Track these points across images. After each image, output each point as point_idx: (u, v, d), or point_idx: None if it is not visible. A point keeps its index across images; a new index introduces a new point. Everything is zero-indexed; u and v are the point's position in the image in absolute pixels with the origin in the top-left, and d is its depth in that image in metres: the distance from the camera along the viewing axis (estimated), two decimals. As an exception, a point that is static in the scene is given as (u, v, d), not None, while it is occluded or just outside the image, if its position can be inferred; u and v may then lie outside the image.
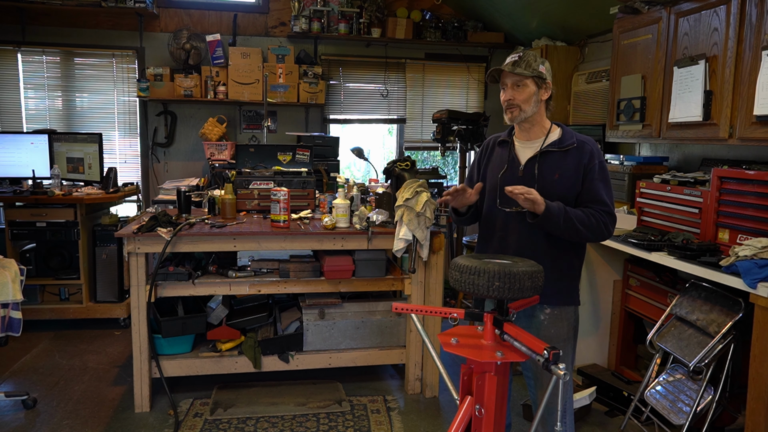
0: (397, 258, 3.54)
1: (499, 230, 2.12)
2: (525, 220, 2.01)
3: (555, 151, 2.04)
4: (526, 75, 2.00)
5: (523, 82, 2.01)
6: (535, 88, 2.02)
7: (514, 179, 2.06)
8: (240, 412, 3.04)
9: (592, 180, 2.02)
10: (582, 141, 2.06)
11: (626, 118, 3.42)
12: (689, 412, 2.48)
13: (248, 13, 5.19)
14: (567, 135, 2.08)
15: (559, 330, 2.07)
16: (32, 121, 4.96)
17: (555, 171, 2.03)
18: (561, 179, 2.02)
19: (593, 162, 2.02)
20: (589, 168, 2.02)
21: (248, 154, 3.93)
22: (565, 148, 2.04)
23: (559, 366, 1.49)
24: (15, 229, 4.05)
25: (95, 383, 3.35)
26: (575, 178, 2.02)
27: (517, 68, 1.99)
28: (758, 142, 2.58)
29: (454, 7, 5.46)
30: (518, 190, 1.91)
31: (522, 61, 2.00)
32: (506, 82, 2.05)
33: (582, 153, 2.03)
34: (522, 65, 2.00)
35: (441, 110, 4.54)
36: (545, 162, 2.04)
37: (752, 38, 2.59)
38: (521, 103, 2.03)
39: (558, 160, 2.04)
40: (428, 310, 1.88)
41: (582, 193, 2.03)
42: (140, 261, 2.92)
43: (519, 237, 2.06)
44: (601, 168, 2.04)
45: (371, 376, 3.51)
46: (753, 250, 2.31)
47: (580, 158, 2.02)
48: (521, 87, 2.02)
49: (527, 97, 2.02)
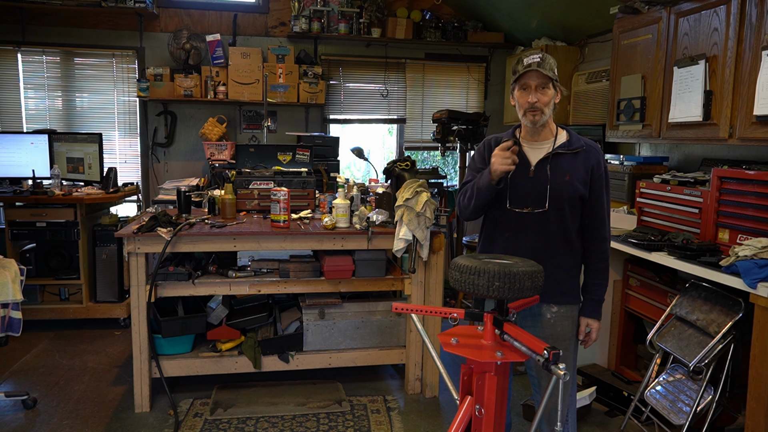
0: (397, 258, 3.54)
1: (508, 231, 2.10)
2: (538, 220, 2.03)
3: (566, 153, 2.04)
4: (552, 77, 1.96)
5: (547, 84, 1.97)
6: (553, 91, 2.00)
7: (524, 180, 2.05)
8: (240, 412, 3.04)
9: (600, 189, 2.05)
10: (590, 145, 2.07)
11: (626, 118, 3.42)
12: (689, 412, 2.47)
13: (248, 13, 5.19)
14: (574, 138, 2.09)
15: (565, 328, 2.10)
16: (32, 121, 4.96)
17: (566, 173, 2.02)
18: (572, 181, 2.02)
19: (601, 169, 2.05)
20: (597, 175, 2.04)
21: (248, 154, 3.93)
22: (575, 150, 2.05)
23: (559, 366, 1.49)
24: (15, 229, 4.05)
25: (95, 383, 3.35)
26: (584, 180, 2.03)
27: (544, 69, 1.94)
28: (758, 142, 2.58)
29: (454, 7, 5.45)
30: (591, 342, 2.15)
31: (545, 62, 1.95)
32: (530, 84, 1.97)
33: (590, 157, 2.04)
34: (547, 67, 1.95)
35: (441, 110, 4.53)
36: (557, 164, 2.03)
37: (752, 38, 2.59)
38: (543, 107, 1.98)
39: (568, 162, 2.03)
40: (428, 310, 1.88)
41: (589, 204, 2.06)
42: (140, 261, 2.92)
43: (533, 237, 2.05)
44: (606, 176, 2.08)
45: (371, 376, 3.51)
46: (753, 250, 2.31)
47: (589, 162, 2.04)
48: (545, 90, 1.98)
49: (549, 100, 1.99)
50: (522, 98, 2.01)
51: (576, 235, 2.08)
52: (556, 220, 2.03)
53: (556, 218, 2.03)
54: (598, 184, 2.05)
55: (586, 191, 2.04)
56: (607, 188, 2.08)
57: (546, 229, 2.03)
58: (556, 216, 2.03)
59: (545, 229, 2.04)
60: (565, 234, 2.05)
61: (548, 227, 2.03)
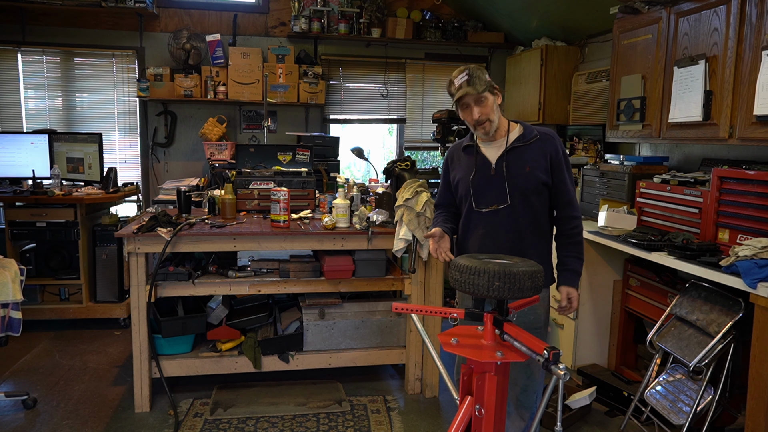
0: (397, 258, 3.54)
1: (481, 229, 2.22)
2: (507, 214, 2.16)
3: (521, 145, 2.17)
4: (484, 89, 2.10)
5: (483, 95, 2.10)
6: (492, 97, 2.14)
7: (487, 179, 2.19)
8: (240, 412, 3.04)
9: (561, 174, 2.17)
10: (544, 132, 2.20)
11: (626, 118, 3.42)
12: (689, 412, 2.48)
13: (248, 13, 5.19)
14: (528, 129, 2.21)
15: (538, 316, 2.21)
16: (32, 121, 4.96)
17: (525, 164, 2.15)
18: (532, 171, 2.14)
19: (559, 154, 2.17)
20: (556, 160, 2.16)
21: (248, 154, 3.93)
22: (529, 141, 2.17)
23: (559, 366, 1.49)
24: (15, 229, 4.05)
25: (95, 383, 3.35)
26: (545, 167, 2.15)
27: (475, 86, 2.08)
28: (758, 142, 2.58)
29: (454, 7, 5.46)
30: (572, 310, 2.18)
31: (473, 78, 2.09)
32: (468, 102, 2.13)
33: (546, 144, 2.16)
34: (476, 82, 2.09)
35: (441, 110, 4.52)
36: (514, 158, 2.16)
37: (752, 38, 2.59)
38: (488, 116, 2.13)
39: (525, 153, 2.16)
40: (428, 310, 1.88)
41: (553, 189, 2.18)
42: (140, 261, 2.92)
43: (506, 232, 2.18)
44: (566, 160, 2.19)
45: (371, 376, 3.51)
46: (753, 250, 2.31)
47: (546, 149, 2.16)
48: (483, 102, 2.12)
49: (491, 108, 2.13)
50: (467, 116, 2.17)
51: (545, 220, 2.23)
52: (524, 211, 2.16)
53: (524, 209, 2.16)
54: (558, 168, 2.17)
55: (548, 178, 2.16)
56: (568, 171, 2.20)
57: (516, 221, 2.16)
58: (524, 207, 2.16)
59: (516, 222, 2.17)
60: (535, 222, 2.18)
61: (518, 219, 2.16)
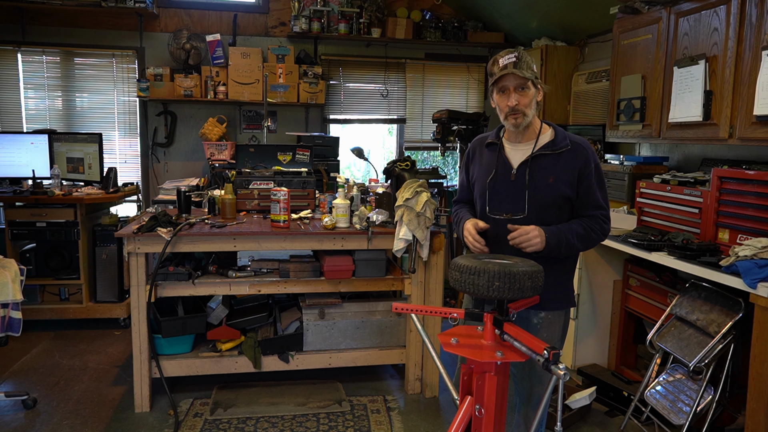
0: (397, 258, 3.54)
1: (491, 236, 2.01)
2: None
3: (548, 154, 1.94)
4: (529, 77, 1.87)
5: (526, 84, 1.88)
6: (534, 90, 1.91)
7: (505, 184, 1.98)
8: (240, 412, 3.04)
9: (589, 186, 1.94)
10: (576, 143, 1.96)
11: (626, 118, 3.42)
12: (689, 412, 2.48)
13: (248, 13, 5.19)
14: (560, 136, 1.97)
15: (551, 333, 2.03)
16: (32, 121, 4.96)
17: (549, 175, 1.92)
18: (556, 183, 1.92)
19: (590, 166, 1.93)
20: (585, 173, 1.93)
21: (248, 154, 3.93)
22: (559, 150, 1.94)
23: (559, 366, 1.49)
24: (15, 229, 4.05)
25: (95, 383, 3.35)
26: (571, 181, 1.93)
27: (522, 70, 1.85)
28: (758, 142, 2.58)
29: (454, 7, 5.45)
30: (517, 240, 1.88)
31: (521, 62, 1.86)
32: (508, 86, 1.89)
33: (577, 156, 1.93)
34: (524, 66, 1.86)
35: (441, 110, 4.54)
36: (538, 166, 1.94)
37: (752, 38, 2.59)
38: (525, 108, 1.90)
39: (551, 163, 1.93)
40: (428, 310, 1.87)
41: (580, 199, 1.96)
42: (140, 261, 2.92)
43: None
44: (597, 171, 1.96)
45: (371, 376, 3.51)
46: (753, 250, 2.31)
47: (575, 161, 1.93)
48: (524, 90, 1.89)
49: (529, 101, 1.90)
50: (501, 102, 1.93)
51: None
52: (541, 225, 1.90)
53: (541, 224, 1.91)
54: (588, 180, 1.93)
55: (572, 192, 1.94)
56: (599, 183, 1.96)
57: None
58: (540, 221, 1.92)
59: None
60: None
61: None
